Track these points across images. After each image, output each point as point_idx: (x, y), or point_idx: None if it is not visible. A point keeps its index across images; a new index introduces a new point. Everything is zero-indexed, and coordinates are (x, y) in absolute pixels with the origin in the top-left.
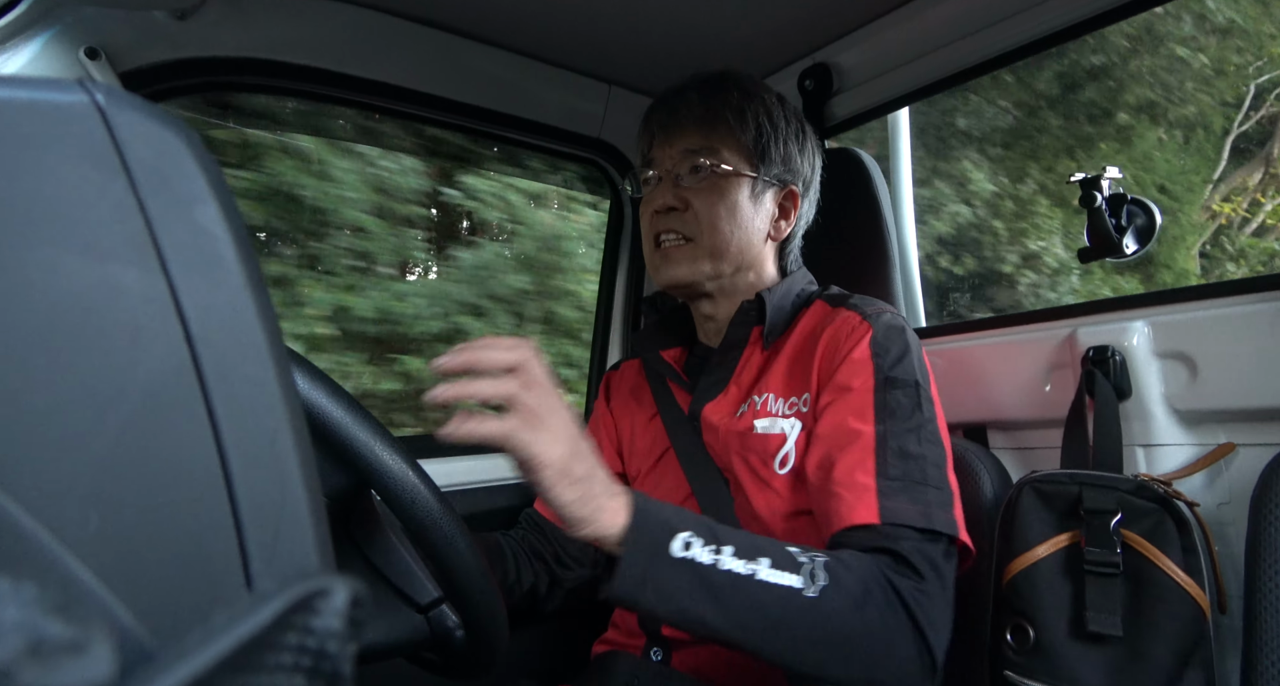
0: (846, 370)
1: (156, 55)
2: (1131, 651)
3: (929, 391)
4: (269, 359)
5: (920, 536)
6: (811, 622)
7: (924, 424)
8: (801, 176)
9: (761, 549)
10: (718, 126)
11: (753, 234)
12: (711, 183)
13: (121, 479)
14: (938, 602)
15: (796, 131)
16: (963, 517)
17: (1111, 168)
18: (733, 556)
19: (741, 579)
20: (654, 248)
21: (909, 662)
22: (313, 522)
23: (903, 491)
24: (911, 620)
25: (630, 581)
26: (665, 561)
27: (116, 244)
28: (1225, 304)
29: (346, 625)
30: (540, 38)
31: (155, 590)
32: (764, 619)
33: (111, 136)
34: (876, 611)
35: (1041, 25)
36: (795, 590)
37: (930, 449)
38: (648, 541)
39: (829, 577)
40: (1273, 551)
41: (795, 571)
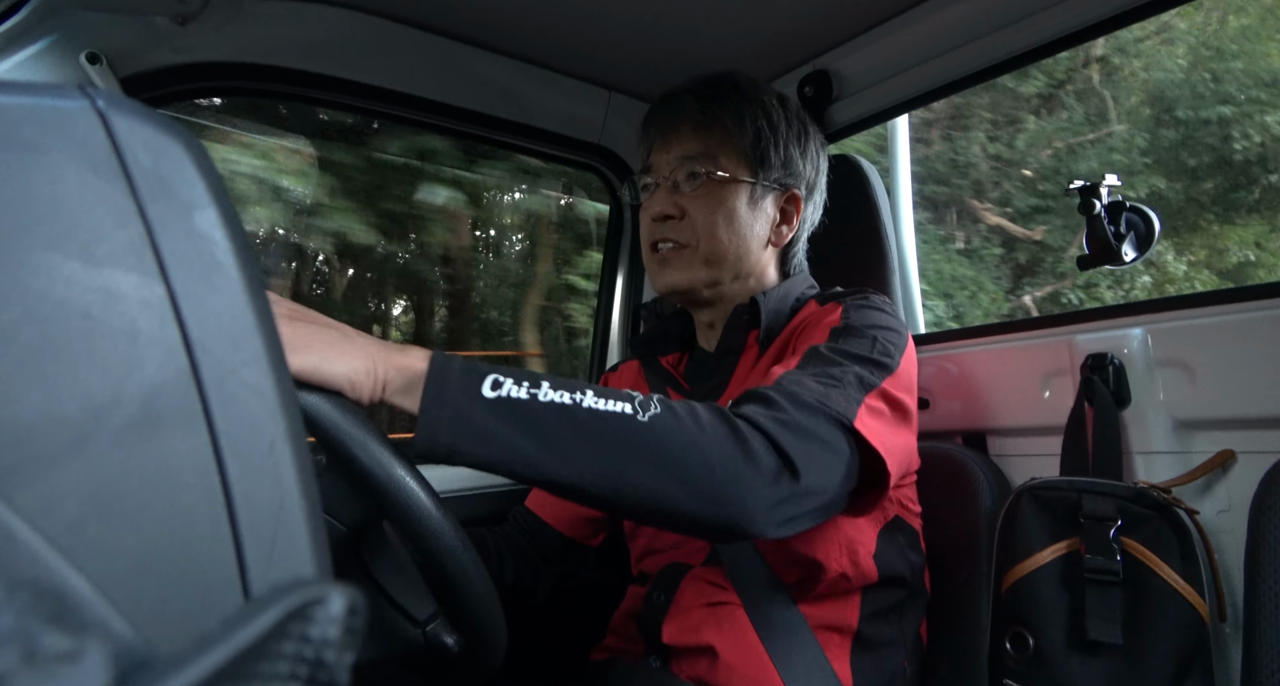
0: (813, 334)
1: (158, 60)
2: (1131, 659)
3: (891, 351)
4: (268, 366)
5: (805, 400)
6: (647, 446)
7: (866, 357)
8: (804, 180)
9: (581, 384)
10: (714, 131)
11: (751, 241)
12: (708, 190)
13: (118, 486)
14: (807, 437)
15: (799, 133)
16: (882, 435)
17: (1110, 175)
18: (551, 389)
19: (565, 408)
20: (651, 253)
21: (758, 466)
22: (310, 531)
23: (808, 377)
24: (761, 433)
25: (438, 426)
26: (477, 402)
27: (115, 249)
28: (1223, 312)
29: (344, 634)
30: (540, 43)
31: (152, 599)
32: (594, 447)
33: (112, 141)
34: (720, 429)
35: (1040, 33)
36: (626, 415)
37: (861, 369)
38: (454, 384)
39: (663, 407)
40: (1272, 558)
41: (624, 400)
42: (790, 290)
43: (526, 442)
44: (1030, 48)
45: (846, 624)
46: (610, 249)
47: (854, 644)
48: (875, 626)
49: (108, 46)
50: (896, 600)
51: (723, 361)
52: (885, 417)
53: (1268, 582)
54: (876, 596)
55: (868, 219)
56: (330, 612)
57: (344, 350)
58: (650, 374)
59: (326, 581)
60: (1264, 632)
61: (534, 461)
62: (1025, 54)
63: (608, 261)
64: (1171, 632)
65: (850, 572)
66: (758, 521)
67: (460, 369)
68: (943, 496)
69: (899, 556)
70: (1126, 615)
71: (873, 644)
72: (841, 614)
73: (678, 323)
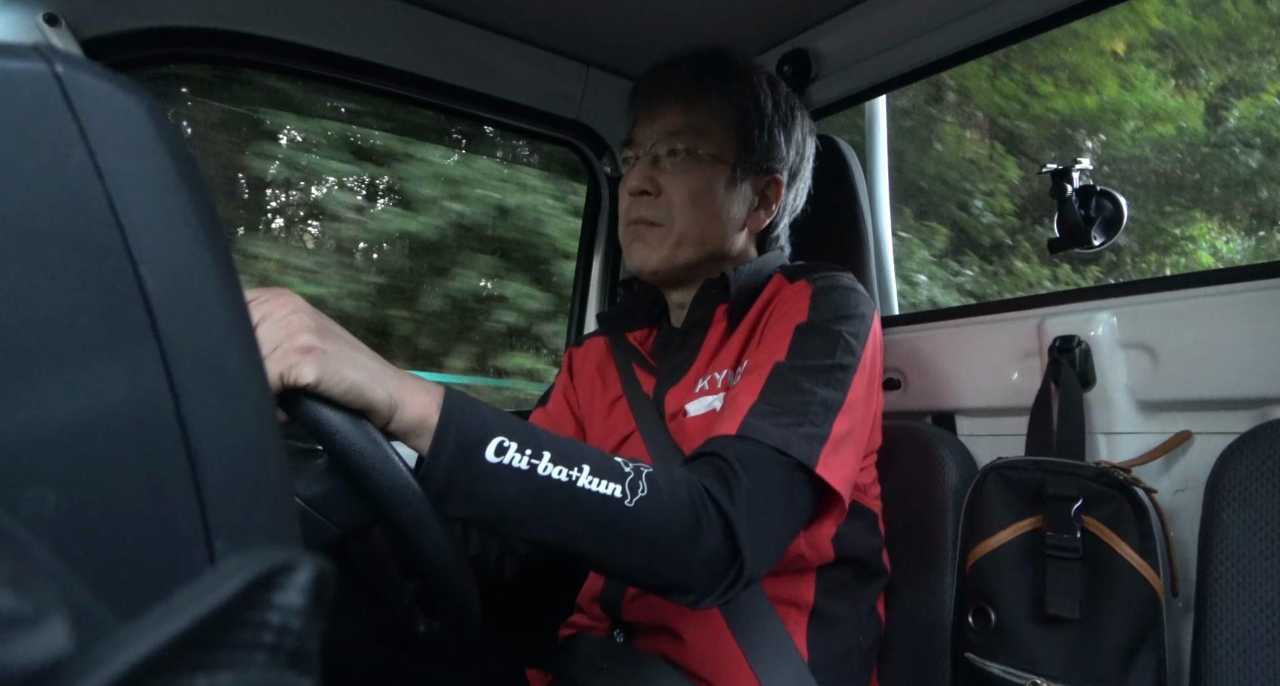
0: (780, 325)
1: (120, 24)
2: (1088, 633)
3: (854, 346)
4: (234, 334)
5: (768, 452)
6: (625, 531)
7: (830, 367)
8: (787, 165)
9: (583, 455)
10: (700, 107)
11: (726, 223)
12: (687, 167)
13: (80, 456)
14: (760, 512)
15: (785, 116)
16: (843, 467)
17: (1083, 159)
18: (551, 462)
19: (561, 486)
20: (626, 228)
21: (711, 564)
22: (279, 499)
23: (772, 416)
24: (724, 521)
25: (435, 482)
26: (476, 466)
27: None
28: (1186, 295)
29: (311, 601)
30: (517, 16)
31: (116, 567)
32: (579, 526)
33: (69, 103)
34: (690, 518)
35: (1021, 13)
36: (615, 499)
37: (825, 391)
38: (457, 444)
39: (648, 488)
40: (1224, 537)
41: (617, 480)
42: (762, 267)
43: (513, 510)
44: (1013, 27)
45: (803, 599)
46: (588, 226)
47: (810, 619)
48: (831, 602)
49: (66, 8)
50: (852, 577)
51: (689, 336)
52: (849, 439)
53: (1220, 560)
54: (832, 574)
55: (845, 200)
56: (297, 580)
57: (378, 375)
58: (617, 350)
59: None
60: (1214, 607)
61: (515, 524)
62: (1007, 34)
63: (585, 238)
64: (1127, 607)
65: (807, 553)
66: (701, 604)
67: (469, 427)
68: (911, 475)
69: (857, 538)
70: (1085, 590)
71: (829, 619)
72: (797, 590)
73: (646, 298)
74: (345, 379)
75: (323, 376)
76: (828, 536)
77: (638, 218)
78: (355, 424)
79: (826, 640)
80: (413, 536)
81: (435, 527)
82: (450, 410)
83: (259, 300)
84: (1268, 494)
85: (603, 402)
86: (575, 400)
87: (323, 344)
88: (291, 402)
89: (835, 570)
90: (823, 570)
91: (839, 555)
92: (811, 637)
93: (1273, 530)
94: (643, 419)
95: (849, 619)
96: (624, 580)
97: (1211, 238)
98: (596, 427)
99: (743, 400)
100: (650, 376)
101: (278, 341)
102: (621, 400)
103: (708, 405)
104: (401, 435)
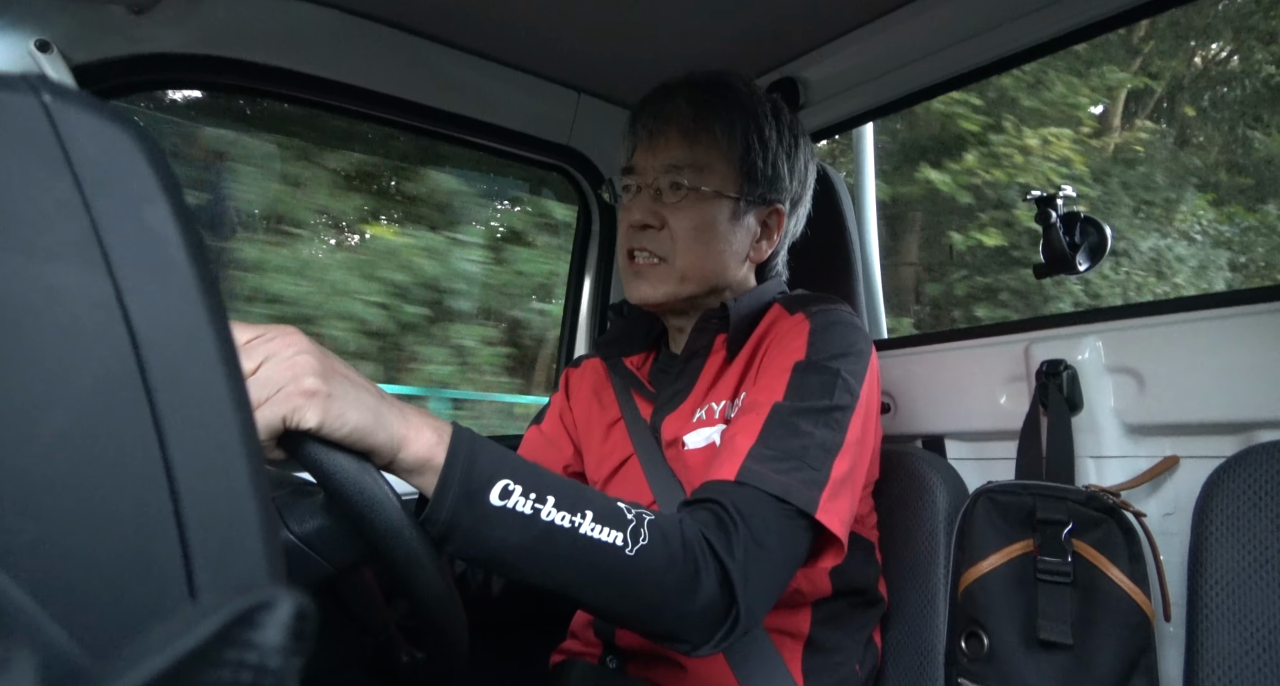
0: (778, 361)
1: (111, 50)
2: (1080, 658)
3: (852, 385)
4: (220, 366)
5: (767, 499)
6: (625, 579)
7: (829, 409)
8: (790, 194)
9: (586, 500)
10: (703, 139)
11: (729, 257)
12: (691, 202)
13: (59, 487)
14: (757, 562)
15: (789, 147)
16: (842, 511)
17: (1066, 186)
18: (555, 507)
19: (563, 532)
20: (627, 261)
21: (707, 614)
22: (262, 534)
23: (772, 461)
24: (722, 572)
25: (438, 525)
26: (480, 509)
27: (59, 243)
28: (1171, 320)
29: (290, 639)
30: (508, 43)
31: (93, 604)
32: (579, 573)
33: (55, 132)
34: (688, 569)
35: (1008, 43)
36: (616, 547)
37: (824, 432)
38: (461, 487)
39: (649, 536)
40: (1213, 560)
41: (619, 528)
42: (761, 296)
43: (513, 554)
44: (998, 57)
45: (798, 630)
46: (578, 250)
47: (805, 648)
48: (826, 632)
49: (59, 34)
50: (849, 606)
51: (688, 365)
52: (848, 481)
53: (1209, 583)
54: (829, 605)
55: (833, 226)
56: (277, 617)
57: (381, 415)
58: (615, 375)
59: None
60: (1205, 632)
61: (513, 568)
62: (993, 63)
63: (575, 262)
64: (1119, 632)
65: (804, 588)
66: (696, 652)
67: (474, 469)
68: (901, 499)
69: (855, 570)
70: (1076, 615)
71: (823, 648)
72: (793, 621)
73: (644, 323)
74: (348, 422)
75: (325, 420)
76: (825, 571)
77: (640, 247)
78: (355, 464)
79: (822, 669)
80: (407, 576)
81: (429, 567)
82: (456, 451)
83: (264, 338)
84: (1254, 517)
85: (600, 425)
86: (571, 421)
87: (327, 386)
88: (291, 443)
89: (832, 602)
90: (819, 602)
91: (837, 588)
92: (807, 667)
93: (1260, 553)
94: (640, 444)
95: (845, 648)
96: (620, 625)
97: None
98: (594, 450)
99: (741, 442)
100: (648, 402)
101: (282, 383)
102: (619, 423)
103: (706, 438)
104: (403, 473)
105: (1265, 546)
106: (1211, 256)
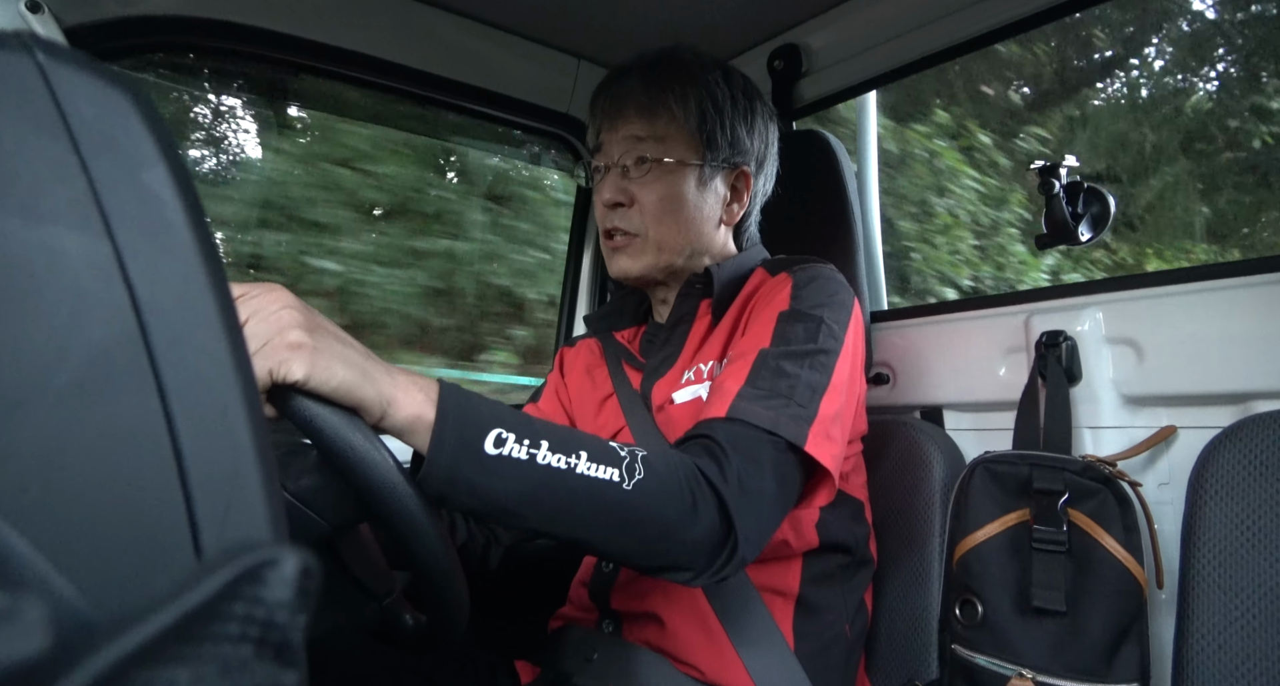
0: (763, 314)
1: (105, 12)
2: (1073, 626)
3: (836, 331)
4: (221, 328)
5: (757, 433)
6: (624, 514)
7: (814, 352)
8: (754, 155)
9: (579, 442)
10: (660, 114)
11: (702, 223)
12: (656, 175)
13: (63, 447)
14: (751, 490)
15: (744, 110)
16: (833, 447)
17: (1069, 156)
18: (549, 451)
19: (559, 473)
20: (606, 240)
21: (707, 541)
22: (265, 494)
23: (761, 399)
24: (718, 499)
25: (431, 474)
26: (476, 459)
27: (57, 206)
28: (1170, 291)
29: (297, 595)
30: (509, 9)
31: (99, 561)
32: (579, 511)
33: (51, 93)
34: (685, 498)
35: (1015, 8)
36: (613, 483)
37: (810, 373)
38: (456, 439)
39: (644, 470)
40: (1207, 530)
41: (614, 465)
42: (744, 262)
43: (514, 501)
44: (1005, 23)
45: (789, 588)
46: (577, 225)
47: (796, 607)
48: (816, 591)
49: None
50: (838, 566)
51: (675, 331)
52: (837, 420)
53: (1202, 553)
54: (817, 562)
55: (834, 195)
56: (283, 574)
57: (368, 372)
58: (607, 349)
59: (280, 543)
60: (1197, 600)
61: (516, 515)
62: (999, 29)
63: (574, 236)
64: (1111, 599)
65: (791, 539)
66: (696, 581)
67: (466, 421)
68: (899, 469)
69: (841, 526)
70: (1070, 583)
71: (814, 608)
72: (783, 578)
73: (633, 299)
74: (334, 376)
75: (311, 373)
76: (811, 522)
77: (614, 226)
78: (344, 419)
79: (812, 628)
80: (401, 531)
81: (424, 521)
82: (447, 406)
83: (249, 295)
84: (1249, 487)
85: (593, 401)
86: (566, 398)
87: (312, 340)
88: (280, 399)
89: (821, 557)
90: (809, 557)
91: (824, 542)
92: (798, 625)
93: (1254, 523)
94: (631, 413)
95: (835, 608)
96: (623, 562)
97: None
98: (587, 425)
99: (730, 385)
100: (637, 371)
101: (267, 337)
102: (611, 398)
103: (693, 393)
104: (396, 432)
105: (1259, 515)
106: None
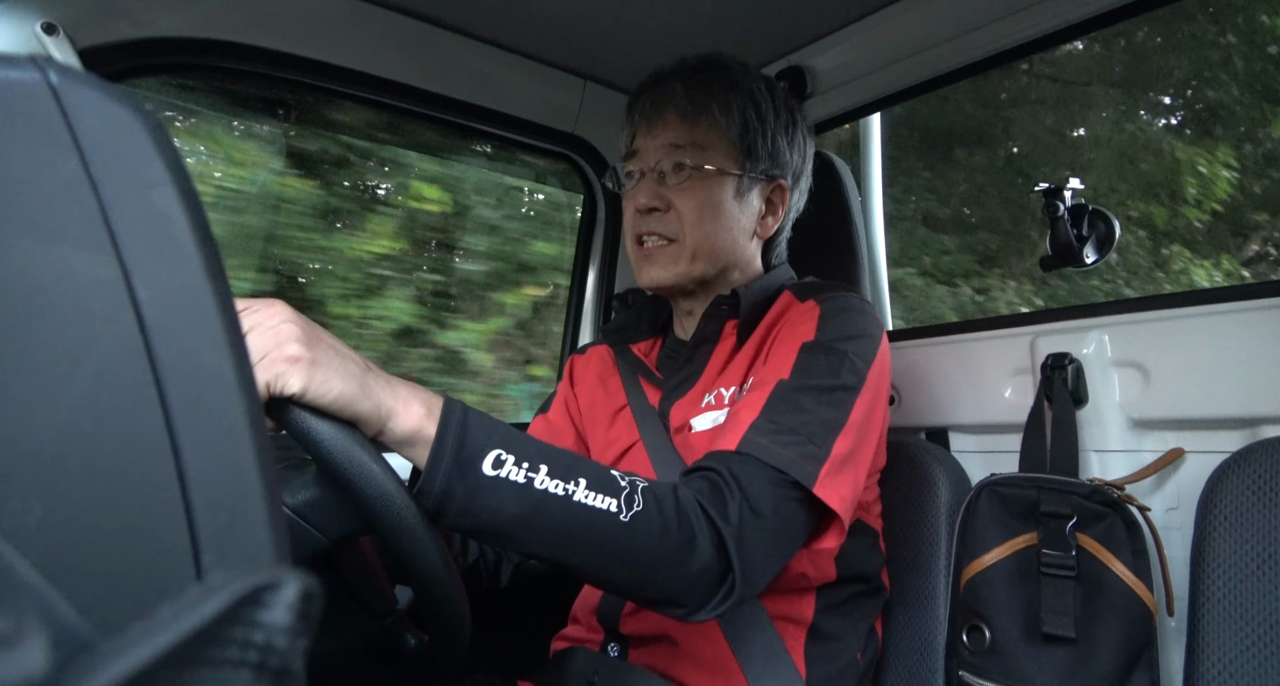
0: (786, 343)
1: (118, 33)
2: (1082, 652)
3: (859, 366)
4: (226, 348)
5: (767, 470)
6: (620, 546)
7: (833, 388)
8: (791, 169)
9: (579, 469)
10: (702, 120)
11: (737, 234)
12: (695, 182)
13: (67, 467)
14: (754, 529)
15: (786, 122)
16: (843, 488)
17: (1074, 179)
18: (548, 475)
19: (557, 500)
20: (636, 247)
21: (704, 578)
22: (269, 515)
23: (773, 434)
24: (717, 537)
25: (432, 497)
26: (473, 479)
27: (67, 225)
28: (1177, 314)
29: (297, 619)
30: (515, 30)
31: (101, 582)
32: (573, 538)
33: (63, 114)
34: (683, 533)
35: (1017, 33)
36: (611, 514)
37: (827, 410)
38: (454, 458)
39: (643, 503)
40: (1216, 556)
41: (613, 495)
42: (770, 282)
43: (507, 523)
44: (1009, 47)
45: (802, 616)
46: (584, 237)
47: (809, 636)
48: (830, 620)
49: (65, 17)
50: (852, 595)
51: (697, 351)
52: (851, 460)
53: (1212, 578)
54: (833, 592)
55: (840, 216)
56: (284, 597)
57: (367, 385)
58: (622, 362)
59: (282, 566)
60: (1206, 627)
61: (509, 538)
62: (1003, 53)
63: (580, 251)
64: (1121, 626)
65: (810, 573)
66: (694, 618)
67: (466, 440)
68: (904, 491)
69: (859, 557)
70: (1079, 609)
71: (827, 636)
72: (797, 607)
73: (651, 309)
74: (332, 389)
75: (309, 386)
76: (830, 555)
77: (649, 231)
78: (341, 432)
79: (824, 657)
80: (400, 546)
81: (423, 537)
82: (448, 422)
83: (249, 309)
84: (1258, 512)
85: (605, 412)
86: (576, 409)
87: (310, 353)
88: (278, 412)
89: (837, 588)
90: (824, 588)
91: (841, 575)
92: (810, 654)
93: (1263, 549)
94: (646, 430)
95: (847, 636)
96: (617, 593)
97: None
98: (598, 437)
99: (745, 416)
100: (656, 389)
101: (265, 350)
102: (625, 410)
103: (713, 420)
104: (395, 445)
105: (1269, 541)
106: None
